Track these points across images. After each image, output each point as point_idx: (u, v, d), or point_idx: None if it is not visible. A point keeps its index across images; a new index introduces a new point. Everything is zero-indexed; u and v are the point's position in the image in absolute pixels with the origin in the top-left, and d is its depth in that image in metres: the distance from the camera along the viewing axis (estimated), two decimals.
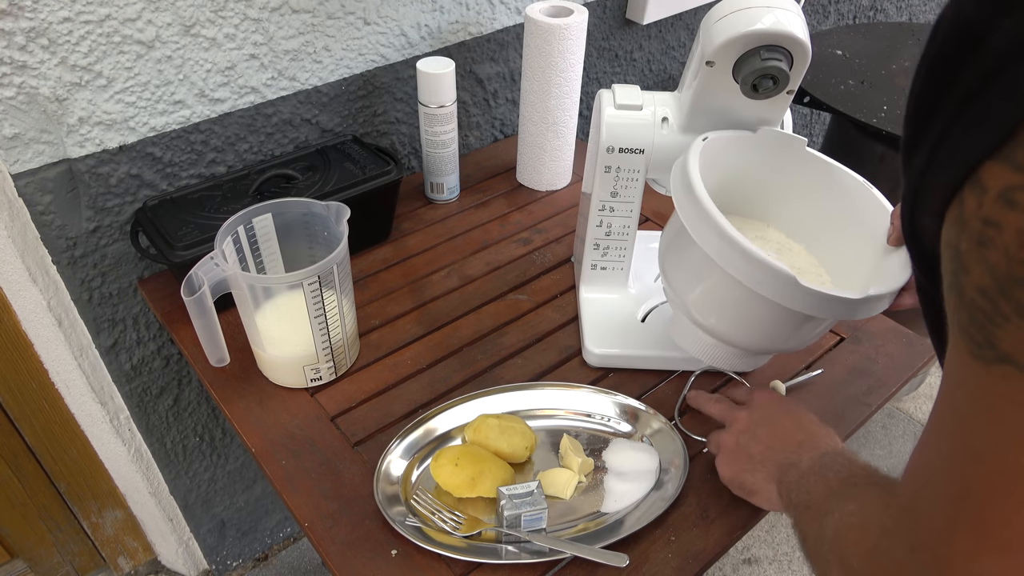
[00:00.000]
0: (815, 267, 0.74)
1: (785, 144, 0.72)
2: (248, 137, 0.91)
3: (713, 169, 0.68)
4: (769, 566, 1.41)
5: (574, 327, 0.85)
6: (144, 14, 0.76)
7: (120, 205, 0.85)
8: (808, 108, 1.34)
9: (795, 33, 0.62)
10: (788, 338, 0.68)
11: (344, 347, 0.76)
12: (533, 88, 0.98)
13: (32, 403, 0.97)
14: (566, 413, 0.74)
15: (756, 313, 0.65)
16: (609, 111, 0.73)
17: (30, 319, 0.87)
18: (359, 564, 0.62)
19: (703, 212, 0.61)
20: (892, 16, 1.88)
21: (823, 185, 0.72)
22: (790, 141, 0.72)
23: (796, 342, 0.69)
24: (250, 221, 0.72)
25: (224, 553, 1.32)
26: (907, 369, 0.81)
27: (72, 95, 0.76)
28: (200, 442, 1.13)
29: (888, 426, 1.67)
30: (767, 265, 0.58)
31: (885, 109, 1.25)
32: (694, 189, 0.62)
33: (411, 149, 1.09)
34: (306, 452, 0.70)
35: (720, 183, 0.70)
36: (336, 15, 0.90)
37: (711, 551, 0.64)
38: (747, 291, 0.60)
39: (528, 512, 0.62)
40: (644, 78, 1.37)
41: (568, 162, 1.06)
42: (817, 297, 0.58)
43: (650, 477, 0.68)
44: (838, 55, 1.42)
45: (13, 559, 1.15)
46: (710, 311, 0.68)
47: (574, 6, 0.95)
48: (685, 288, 0.69)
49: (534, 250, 0.96)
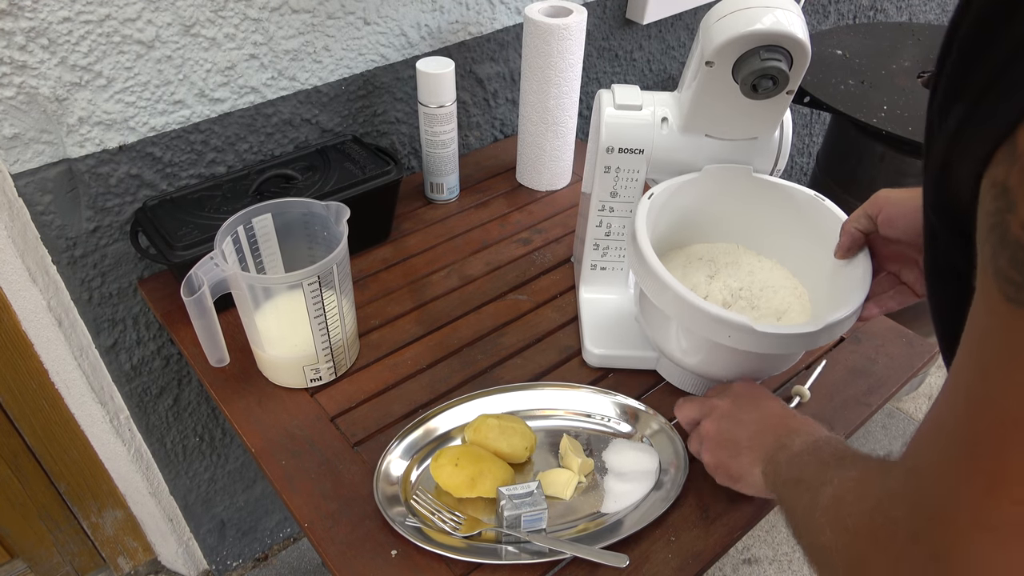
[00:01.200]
0: (788, 279, 0.77)
1: (732, 175, 0.74)
2: (248, 137, 0.91)
3: (667, 211, 0.73)
4: (769, 566, 1.41)
5: (574, 327, 0.85)
6: (144, 14, 0.76)
7: (120, 205, 0.85)
8: (808, 108, 1.34)
9: (795, 33, 0.61)
10: (764, 369, 0.73)
11: (344, 347, 0.76)
12: (533, 88, 0.98)
13: (32, 403, 0.97)
14: (566, 413, 0.74)
15: (728, 355, 0.68)
16: (609, 111, 0.73)
17: (30, 319, 0.87)
18: (359, 564, 0.62)
19: (658, 279, 0.65)
20: (892, 16, 1.88)
21: (777, 203, 0.75)
22: (735, 171, 0.74)
23: (774, 369, 0.74)
24: (250, 221, 0.72)
25: (224, 553, 1.32)
26: (907, 369, 0.81)
27: (72, 95, 0.76)
28: (200, 442, 1.13)
29: (888, 426, 1.67)
30: (725, 319, 0.61)
31: (885, 109, 1.25)
32: (644, 257, 0.66)
33: (411, 149, 1.09)
34: (306, 452, 0.70)
35: (679, 221, 0.76)
36: (336, 15, 0.90)
37: (711, 551, 0.64)
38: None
39: (528, 512, 0.62)
40: (644, 78, 1.37)
41: (568, 162, 1.06)
42: (776, 338, 0.61)
43: (650, 477, 0.68)
44: (838, 55, 1.42)
45: (13, 559, 1.15)
46: (688, 355, 0.71)
47: (574, 6, 0.95)
48: (661, 340, 0.73)
49: (534, 250, 0.96)
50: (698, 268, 0.77)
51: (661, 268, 0.65)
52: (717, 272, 0.77)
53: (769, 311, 0.73)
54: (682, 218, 0.77)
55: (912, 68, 1.39)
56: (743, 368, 0.70)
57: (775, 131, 0.73)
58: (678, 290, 0.63)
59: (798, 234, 0.74)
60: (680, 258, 0.79)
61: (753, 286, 0.76)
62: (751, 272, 0.77)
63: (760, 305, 0.74)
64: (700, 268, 0.77)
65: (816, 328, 0.61)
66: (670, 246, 0.80)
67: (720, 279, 0.76)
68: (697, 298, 0.62)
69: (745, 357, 0.68)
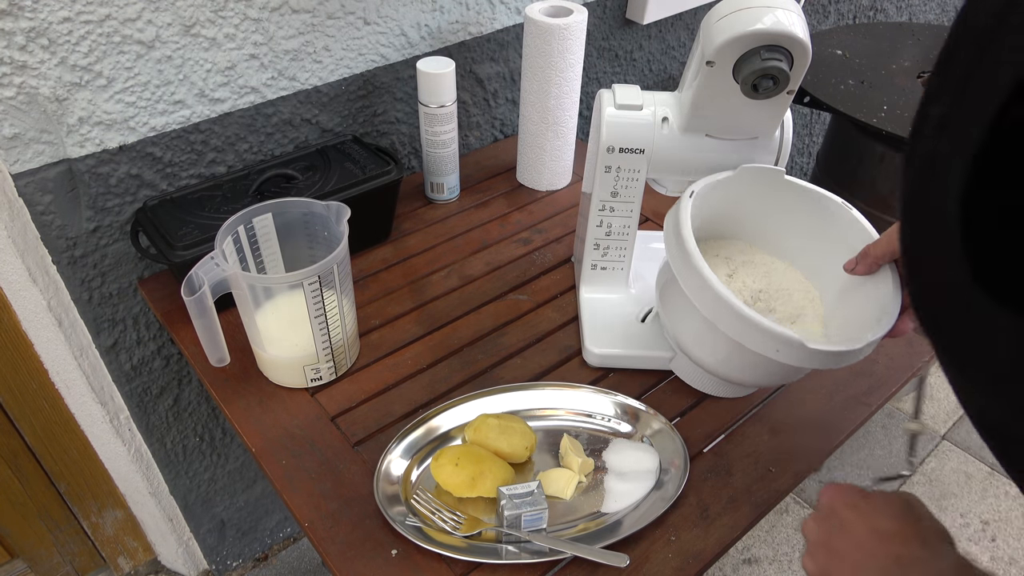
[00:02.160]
0: (801, 282, 0.76)
1: (766, 176, 0.74)
2: (248, 137, 0.91)
3: (700, 208, 0.72)
4: (769, 566, 1.41)
5: (574, 327, 0.85)
6: (144, 14, 0.76)
7: (120, 205, 0.85)
8: (808, 108, 1.34)
9: (795, 33, 0.62)
10: (788, 375, 0.71)
11: (344, 347, 0.76)
12: (533, 88, 0.98)
13: (32, 403, 0.97)
14: (566, 413, 0.74)
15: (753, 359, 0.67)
16: (609, 111, 0.73)
17: (30, 319, 0.87)
18: (359, 564, 0.62)
19: (705, 284, 0.63)
20: (892, 16, 1.88)
21: (804, 207, 0.74)
22: (770, 173, 0.73)
23: (792, 377, 0.72)
24: (250, 221, 0.72)
25: (224, 553, 1.32)
26: (907, 369, 0.81)
27: (72, 95, 0.76)
28: (200, 442, 1.13)
29: (888, 426, 1.67)
30: (777, 333, 0.60)
31: (885, 109, 1.25)
32: (692, 259, 0.64)
33: (411, 149, 1.09)
34: (306, 452, 0.70)
35: (710, 216, 0.75)
36: (336, 15, 0.90)
37: (711, 551, 0.64)
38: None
39: (528, 512, 0.62)
40: (644, 78, 1.37)
41: (568, 162, 1.06)
42: (822, 355, 0.60)
43: (650, 477, 0.68)
44: (838, 55, 1.42)
45: (13, 559, 1.15)
46: (708, 355, 0.70)
47: (574, 6, 0.95)
48: (683, 336, 0.72)
49: (534, 250, 0.96)
50: (716, 265, 0.76)
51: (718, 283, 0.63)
52: (735, 271, 0.76)
53: (785, 315, 0.73)
54: (711, 215, 0.75)
55: (912, 68, 1.39)
56: (767, 373, 0.69)
57: (775, 131, 0.73)
58: (731, 302, 0.61)
59: (818, 238, 0.73)
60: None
61: (770, 288, 0.75)
62: (767, 273, 0.76)
63: (777, 308, 0.73)
64: (719, 265, 0.77)
65: (861, 346, 0.61)
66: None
67: (739, 278, 0.75)
68: (751, 311, 0.61)
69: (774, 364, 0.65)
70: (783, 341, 0.60)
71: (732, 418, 0.75)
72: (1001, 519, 1.49)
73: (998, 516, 1.50)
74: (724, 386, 0.76)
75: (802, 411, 0.76)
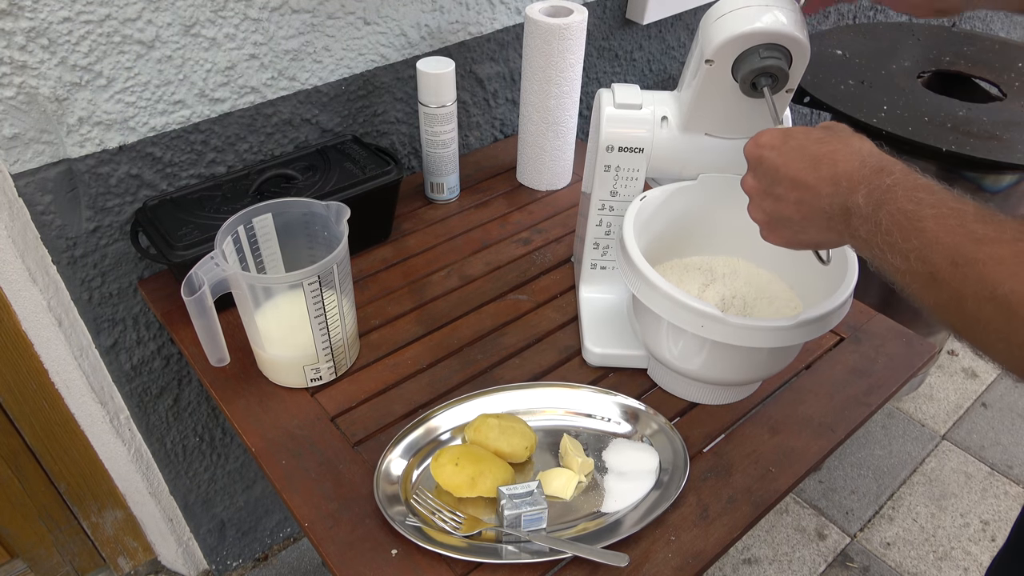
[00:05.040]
0: (786, 291, 0.77)
1: (729, 184, 0.73)
2: (248, 137, 0.91)
3: (662, 218, 0.74)
4: (769, 566, 1.41)
5: (574, 327, 0.85)
6: (144, 14, 0.76)
7: (120, 205, 0.85)
8: (808, 108, 1.34)
9: (794, 32, 0.62)
10: (755, 373, 0.72)
11: (344, 347, 0.76)
12: (533, 88, 0.98)
13: (32, 403, 0.97)
14: (566, 413, 0.74)
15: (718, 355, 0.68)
16: (609, 110, 0.73)
17: (30, 319, 0.87)
18: (359, 564, 0.62)
19: (633, 266, 0.65)
20: (892, 16, 1.88)
21: None
22: (732, 181, 0.73)
23: (768, 371, 0.73)
24: (250, 221, 0.72)
25: (224, 553, 1.32)
26: (907, 369, 0.81)
27: (72, 95, 0.76)
28: (200, 442, 1.13)
29: (888, 426, 1.67)
30: (697, 308, 0.62)
31: (885, 109, 1.25)
32: (625, 244, 0.66)
33: (411, 149, 1.09)
34: (306, 452, 0.70)
35: (676, 230, 0.77)
36: (336, 15, 0.90)
37: (711, 551, 0.64)
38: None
39: (528, 512, 0.62)
40: (644, 78, 1.37)
41: (568, 162, 1.06)
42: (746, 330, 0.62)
43: (650, 477, 0.68)
44: (838, 55, 1.42)
45: (13, 559, 1.15)
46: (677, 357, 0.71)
47: (574, 6, 0.95)
48: (651, 340, 0.73)
49: (534, 250, 0.96)
50: (694, 277, 0.77)
51: (642, 260, 0.65)
52: (713, 282, 0.77)
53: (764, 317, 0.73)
54: (679, 227, 0.77)
55: (912, 68, 1.39)
56: (734, 369, 0.70)
57: None
58: (656, 280, 0.63)
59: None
60: (677, 268, 0.79)
61: (748, 295, 0.75)
62: (748, 282, 0.77)
63: (753, 313, 0.74)
64: (696, 277, 0.77)
65: (790, 323, 0.61)
66: (668, 256, 0.79)
67: (715, 288, 0.76)
68: (671, 286, 0.63)
69: (740, 357, 0.67)
70: (706, 317, 0.62)
71: (732, 418, 0.75)
72: (1001, 519, 1.49)
73: (998, 516, 1.50)
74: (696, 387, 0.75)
75: (802, 411, 0.76)
